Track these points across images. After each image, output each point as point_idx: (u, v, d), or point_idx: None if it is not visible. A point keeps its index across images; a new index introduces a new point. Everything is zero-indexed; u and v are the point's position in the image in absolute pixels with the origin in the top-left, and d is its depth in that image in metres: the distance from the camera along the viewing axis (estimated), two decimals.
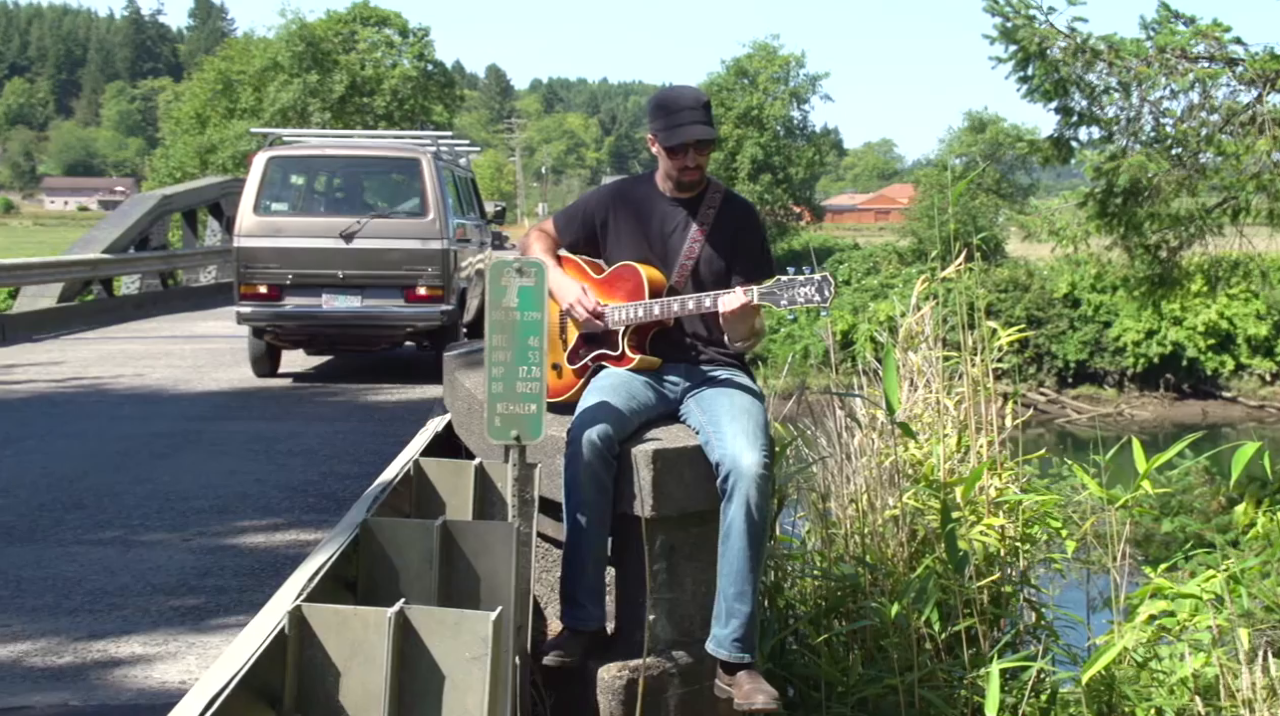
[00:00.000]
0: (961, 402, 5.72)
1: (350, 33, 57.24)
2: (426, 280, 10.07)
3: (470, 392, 5.05)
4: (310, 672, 2.57)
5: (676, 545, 4.10)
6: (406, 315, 10.15)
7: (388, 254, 10.13)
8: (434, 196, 10.20)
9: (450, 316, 10.21)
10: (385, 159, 11.51)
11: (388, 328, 10.26)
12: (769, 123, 58.28)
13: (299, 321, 10.25)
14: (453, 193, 11.07)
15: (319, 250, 10.17)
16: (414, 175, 10.61)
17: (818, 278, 3.88)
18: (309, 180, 11.76)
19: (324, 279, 10.12)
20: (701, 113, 4.18)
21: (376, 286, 10.13)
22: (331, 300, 10.11)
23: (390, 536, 3.38)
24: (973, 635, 4.84)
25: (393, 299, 10.12)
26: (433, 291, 10.08)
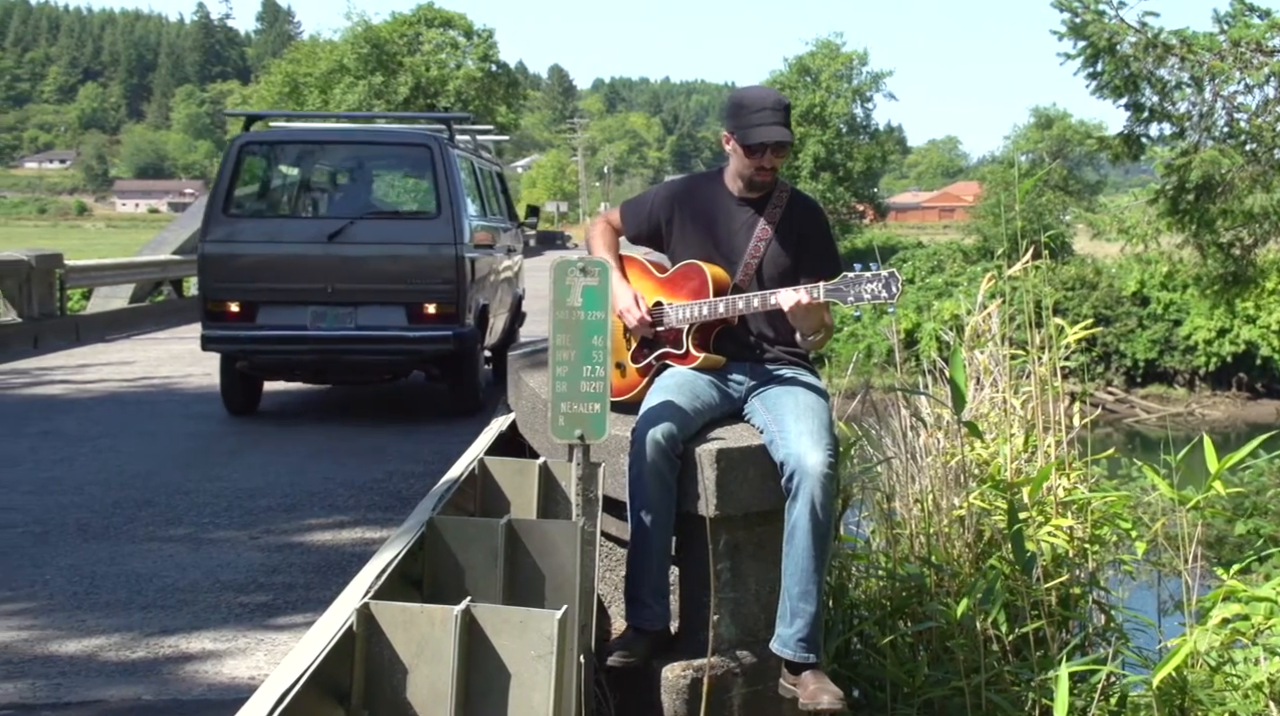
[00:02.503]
0: (1029, 402, 5.66)
1: (415, 34, 57.61)
2: (436, 295, 8.32)
3: (534, 392, 5.07)
4: (378, 670, 2.59)
5: (740, 544, 4.08)
6: (411, 338, 8.34)
7: (388, 262, 8.44)
8: (447, 191, 8.42)
9: (465, 340, 8.45)
10: (387, 145, 9.75)
11: (387, 354, 8.48)
12: (831, 120, 58.01)
13: (277, 347, 8.49)
14: (471, 188, 9.41)
15: (302, 258, 8.45)
16: (422, 165, 8.87)
17: (884, 274, 3.85)
18: (293, 172, 9.84)
19: (309, 294, 8.39)
20: (781, 114, 4.16)
21: (374, 303, 8.38)
22: (318, 320, 8.38)
23: (456, 535, 3.40)
24: (1040, 637, 4.79)
25: (394, 318, 8.35)
26: (444, 308, 8.32)
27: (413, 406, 9.62)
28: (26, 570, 5.29)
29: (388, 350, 8.44)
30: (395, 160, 9.94)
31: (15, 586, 5.06)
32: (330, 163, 9.82)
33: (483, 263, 8.99)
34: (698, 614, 4.08)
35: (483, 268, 8.99)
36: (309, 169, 9.76)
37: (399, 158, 9.74)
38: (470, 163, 9.56)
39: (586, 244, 4.56)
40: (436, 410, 9.25)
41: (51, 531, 5.90)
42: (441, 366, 8.78)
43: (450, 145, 8.80)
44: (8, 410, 9.61)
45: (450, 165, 8.52)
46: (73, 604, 4.83)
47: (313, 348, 8.43)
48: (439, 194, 8.43)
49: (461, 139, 9.94)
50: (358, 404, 9.72)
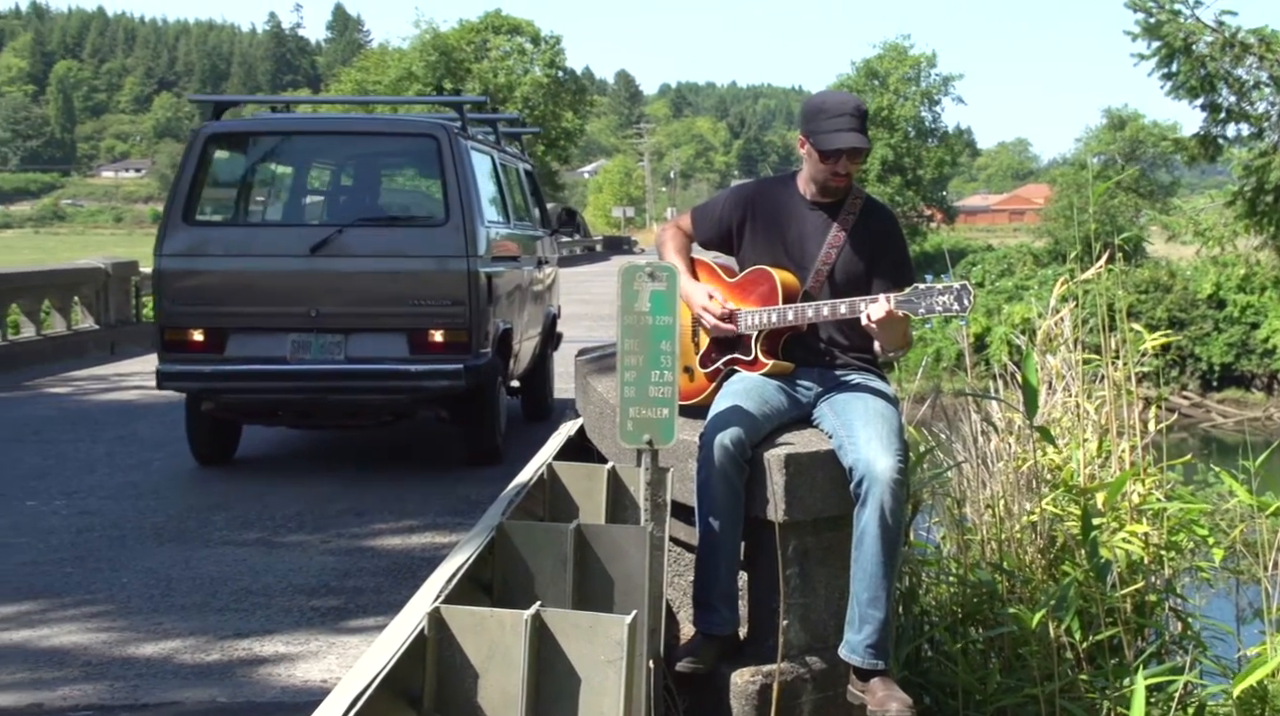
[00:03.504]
0: (1102, 406, 5.59)
1: (483, 41, 58.03)
2: (444, 319, 6.96)
3: (602, 397, 5.07)
4: (449, 673, 2.61)
5: (809, 550, 4.06)
6: (413, 373, 6.96)
7: (385, 280, 7.06)
8: (457, 191, 7.03)
9: (481, 374, 7.04)
10: (384, 137, 8.05)
11: (384, 392, 7.12)
12: (899, 124, 57.71)
13: (251, 384, 7.09)
14: (491, 188, 8.01)
15: (281, 275, 7.10)
16: (428, 160, 7.44)
17: (956, 286, 3.82)
18: (270, 169, 8.49)
19: (288, 318, 7.01)
20: (858, 121, 4.12)
21: (368, 329, 7.04)
22: (300, 351, 7.00)
23: (525, 539, 3.41)
24: (1116, 645, 4.72)
25: (392, 348, 7.00)
26: (453, 336, 6.97)
27: None
28: (105, 573, 5.38)
29: (385, 387, 7.07)
30: (395, 154, 8.54)
31: (94, 589, 5.15)
32: (315, 158, 8.48)
33: (505, 278, 7.65)
34: (766, 619, 4.06)
35: (504, 284, 7.65)
36: (289, 166, 8.45)
37: (399, 152, 8.34)
38: (490, 158, 8.18)
39: (657, 249, 4.55)
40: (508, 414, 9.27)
41: (128, 535, 6.00)
42: (451, 407, 7.35)
43: (462, 136, 7.40)
44: (86, 415, 9.78)
45: (462, 160, 7.16)
46: (149, 607, 4.90)
47: (294, 385, 7.06)
48: (448, 195, 7.07)
49: (480, 131, 8.74)
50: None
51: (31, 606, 4.91)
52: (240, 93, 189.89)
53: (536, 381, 9.36)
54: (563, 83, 59.53)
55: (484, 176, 7.76)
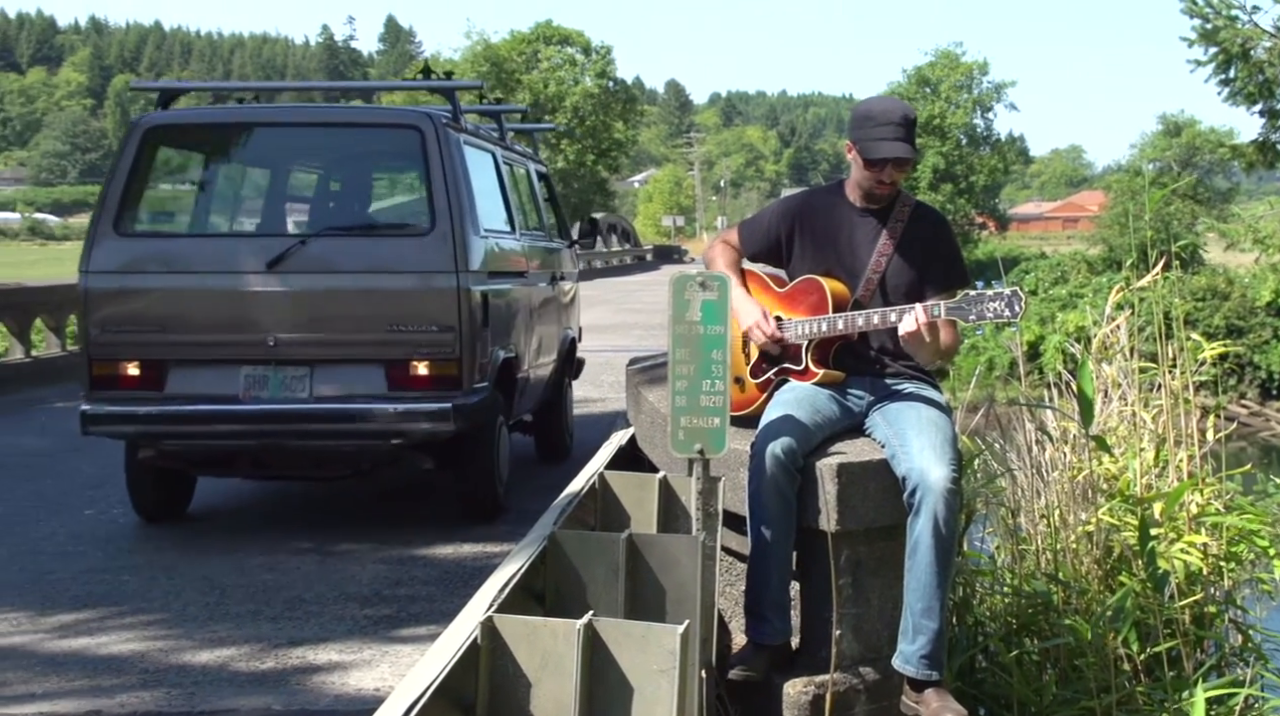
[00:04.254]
0: (1159, 415, 5.53)
1: (534, 52, 58.32)
2: (429, 348, 5.88)
3: (654, 406, 5.08)
4: (502, 682, 2.61)
5: (862, 560, 4.04)
6: (392, 415, 5.83)
7: (358, 301, 5.97)
8: (446, 195, 5.97)
9: (474, 413, 5.97)
10: (358, 129, 6.81)
11: (357, 437, 5.98)
12: (951, 131, 57.43)
13: (196, 428, 5.98)
14: (493, 192, 6.96)
15: (233, 295, 5.98)
16: (409, 157, 6.36)
17: (1007, 292, 3.79)
18: (222, 169, 7.15)
19: (241, 348, 5.94)
20: (904, 130, 4.10)
21: (337, 361, 5.95)
22: (255, 387, 5.93)
23: (577, 549, 3.42)
24: (1174, 657, 4.67)
25: (367, 383, 5.91)
26: (440, 368, 5.89)
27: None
28: (161, 581, 5.44)
29: (358, 431, 5.92)
30: (371, 150, 7.16)
31: (150, 597, 5.22)
32: (275, 155, 7.15)
33: (506, 297, 6.62)
34: (819, 629, 4.04)
35: (506, 304, 6.60)
36: (244, 164, 7.23)
37: (376, 147, 7.04)
38: (491, 155, 7.08)
39: (705, 264, 4.54)
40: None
41: (184, 543, 6.07)
42: (439, 453, 6.25)
43: (454, 128, 6.30)
44: None
45: (452, 157, 6.09)
46: (205, 615, 4.95)
47: (247, 428, 5.94)
48: (433, 198, 6.00)
49: (483, 126, 7.50)
50: None
51: (90, 614, 4.97)
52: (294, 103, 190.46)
53: (552, 416, 8.14)
54: (613, 93, 59.70)
55: (482, 177, 6.68)
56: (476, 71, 55.34)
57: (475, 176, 6.39)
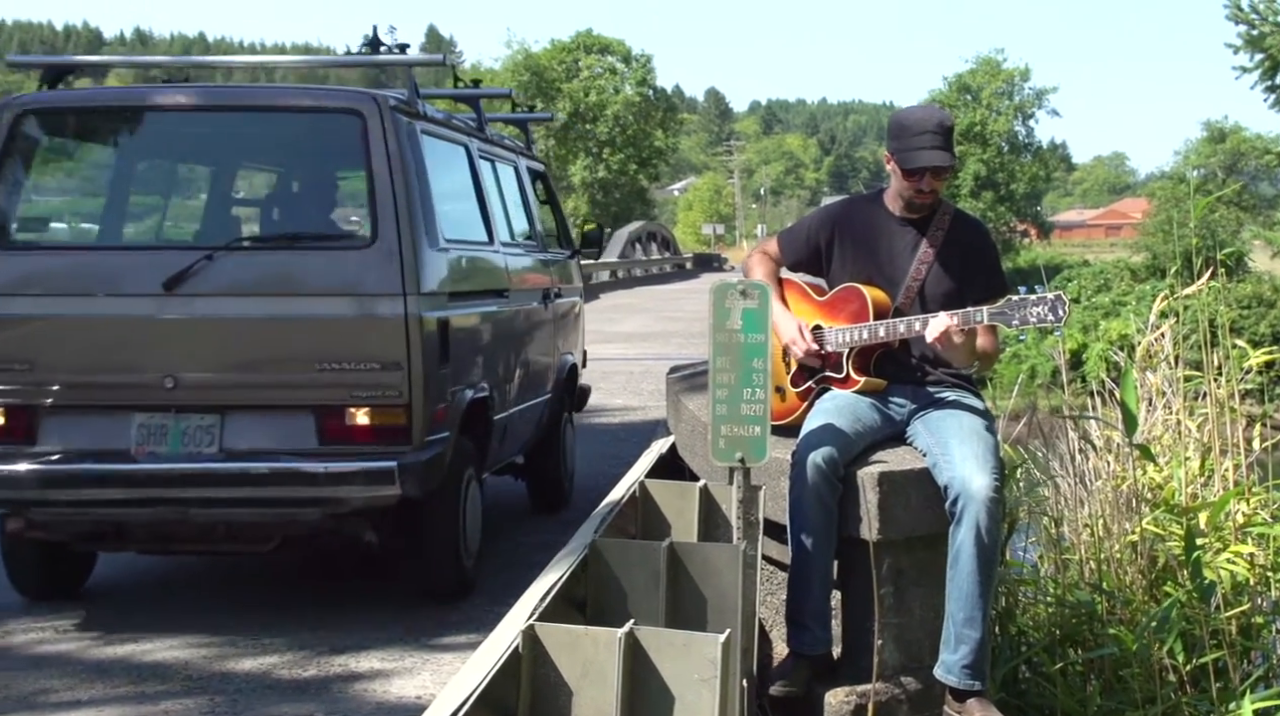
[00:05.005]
0: (1204, 424, 5.48)
1: (574, 61, 58.52)
2: (371, 391, 4.78)
3: (694, 415, 5.07)
4: (543, 691, 2.62)
5: (903, 569, 4.03)
6: (321, 476, 4.73)
7: (277, 331, 4.88)
8: (393, 196, 4.85)
9: (432, 471, 4.86)
10: (285, 115, 5.29)
11: (278, 505, 4.83)
12: (992, 139, 57.21)
13: (76, 492, 4.83)
14: (464, 193, 5.91)
15: (120, 325, 4.86)
16: (349, 150, 5.10)
17: (1051, 297, 3.78)
18: (109, 163, 5.72)
19: (133, 392, 4.83)
20: (941, 137, 4.09)
21: (255, 408, 4.85)
22: (151, 440, 4.82)
23: (618, 557, 3.42)
24: (1220, 668, 4.62)
25: (291, 436, 4.81)
26: (384, 416, 4.80)
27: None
28: (205, 588, 5.49)
29: (279, 498, 4.79)
30: (299, 140, 5.56)
31: (196, 604, 5.26)
32: (178, 147, 5.75)
33: (480, 323, 5.59)
34: (860, 639, 4.03)
35: (479, 331, 5.59)
36: (138, 158, 5.77)
37: (306, 135, 5.45)
38: (464, 149, 5.96)
39: (744, 275, 4.53)
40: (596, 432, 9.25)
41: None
42: (385, 523, 5.02)
43: (407, 113, 5.14)
44: None
45: (403, 149, 4.94)
46: (248, 622, 4.98)
47: (141, 494, 4.77)
48: (376, 200, 4.85)
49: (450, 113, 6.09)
50: None
51: (137, 620, 5.01)
52: None
53: (547, 459, 7.03)
54: (653, 101, 59.80)
55: (448, 175, 5.66)
56: (517, 81, 55.58)
57: (438, 174, 5.33)
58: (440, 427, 4.96)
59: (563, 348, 7.24)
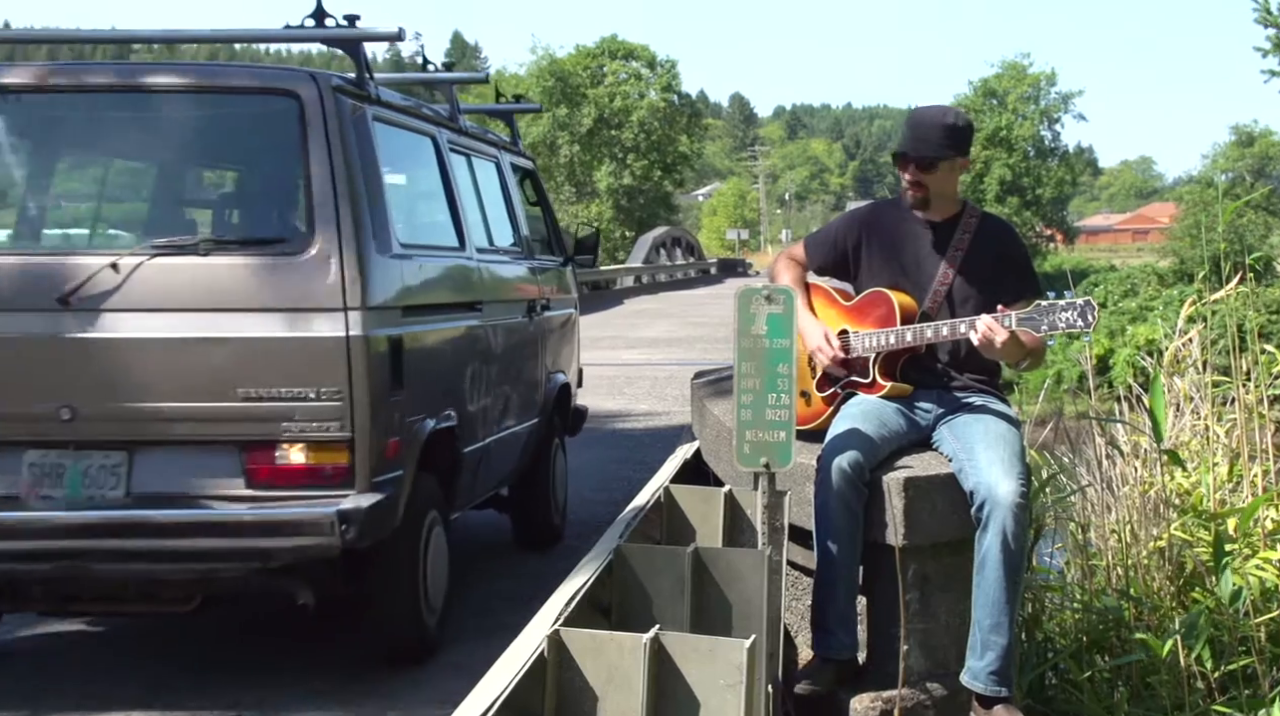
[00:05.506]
0: (1233, 429, 5.45)
1: (599, 67, 58.59)
2: (305, 424, 4.17)
3: (719, 420, 5.07)
4: (569, 696, 2.62)
5: (929, 575, 4.02)
6: (249, 525, 4.14)
7: (195, 353, 4.21)
8: (333, 193, 4.25)
9: (381, 518, 4.22)
10: (207, 97, 4.59)
11: (196, 559, 4.19)
12: (1018, 143, 57.05)
13: None
14: (430, 192, 5.43)
15: (7, 344, 4.24)
16: (283, 139, 4.44)
17: (1080, 302, 3.76)
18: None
19: (22, 425, 4.23)
20: (929, 131, 4.13)
21: (168, 444, 4.23)
22: (45, 483, 4.21)
23: (643, 562, 3.42)
24: (1250, 674, 4.59)
25: (214, 478, 4.22)
26: (322, 454, 4.20)
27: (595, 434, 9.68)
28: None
29: (198, 551, 4.14)
30: (224, 127, 4.76)
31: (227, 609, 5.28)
32: (78, 135, 4.85)
33: (445, 341, 5.04)
34: (886, 644, 4.02)
35: (444, 351, 5.03)
36: (29, 150, 4.78)
37: (232, 122, 4.71)
38: (431, 141, 5.36)
39: (770, 279, 4.53)
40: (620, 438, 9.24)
41: None
42: (325, 579, 4.39)
43: (354, 95, 4.53)
44: None
45: (348, 136, 4.34)
46: (271, 627, 4.99)
47: (33, 547, 4.15)
48: (313, 198, 4.25)
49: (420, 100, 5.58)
50: None
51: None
52: None
53: (535, 490, 6.42)
54: (678, 107, 59.82)
55: (408, 170, 5.24)
56: (542, 86, 55.66)
57: (395, 168, 4.85)
58: (393, 465, 4.32)
59: (552, 365, 6.61)
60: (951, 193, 4.25)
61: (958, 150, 4.17)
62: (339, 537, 4.04)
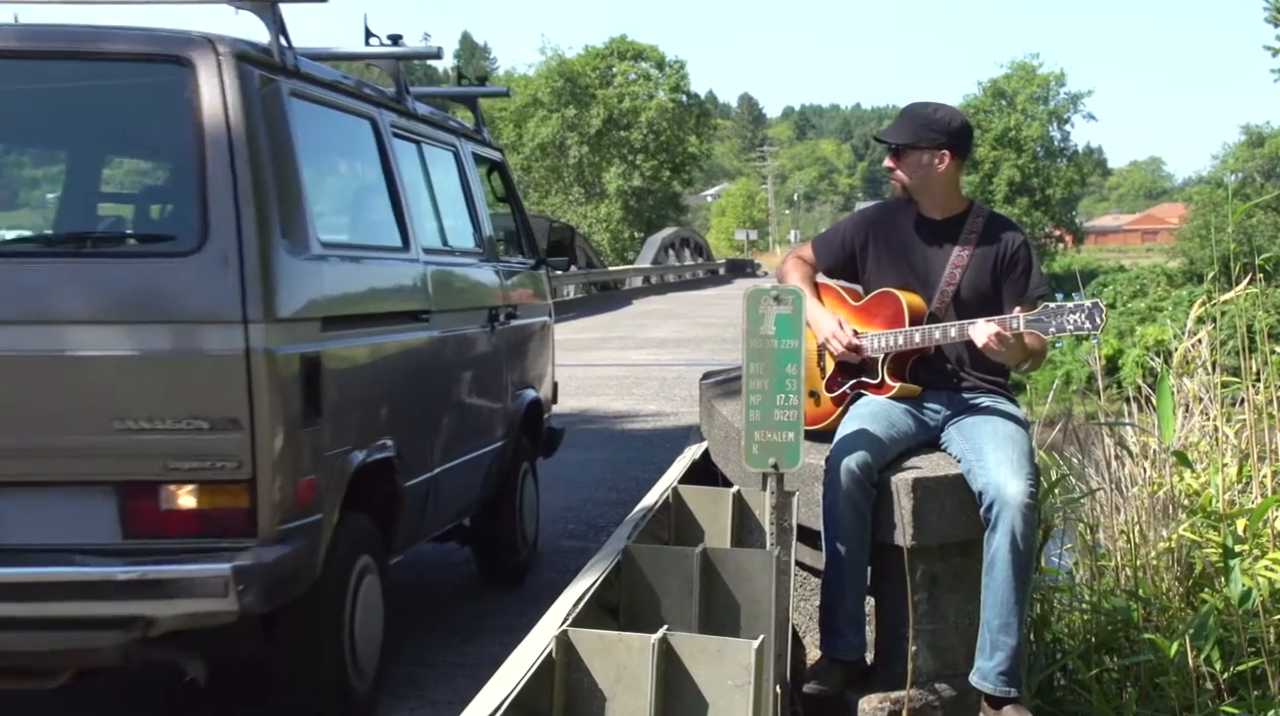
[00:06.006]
0: (1242, 430, 5.44)
1: (608, 67, 58.62)
2: (197, 462, 3.48)
3: (727, 420, 5.07)
4: (577, 697, 2.62)
5: (938, 575, 4.02)
6: (122, 587, 3.41)
7: (61, 374, 3.50)
8: (232, 182, 3.53)
9: (282, 577, 3.55)
10: (83, 64, 3.72)
11: (61, 627, 3.47)
12: (1027, 144, 57.02)
13: None
14: (369, 184, 4.73)
15: None
16: (172, 115, 3.72)
17: (1088, 304, 3.76)
18: None
19: None
20: (904, 118, 4.25)
21: (27, 485, 3.55)
22: None
23: (651, 563, 3.42)
24: (1259, 675, 4.58)
25: (85, 525, 3.53)
26: (217, 498, 3.52)
27: (604, 435, 9.69)
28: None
29: (64, 618, 3.46)
30: (101, 100, 3.91)
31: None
32: None
33: (381, 359, 4.35)
34: (894, 645, 4.02)
35: (377, 372, 4.33)
36: None
37: (111, 94, 3.87)
38: (372, 124, 4.60)
39: (779, 280, 4.53)
40: (629, 438, 9.24)
41: None
42: (224, 649, 3.81)
43: (263, 64, 3.78)
44: None
45: (255, 111, 3.63)
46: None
47: None
48: (207, 187, 3.53)
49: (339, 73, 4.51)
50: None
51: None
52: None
53: (499, 521, 5.76)
54: (687, 107, 59.83)
55: (336, 156, 4.67)
56: (551, 87, 55.70)
57: (319, 153, 4.19)
58: (308, 508, 3.65)
59: (520, 381, 5.92)
60: (940, 189, 4.23)
61: (929, 141, 4.15)
62: (235, 600, 3.38)
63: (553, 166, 57.35)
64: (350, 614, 3.95)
